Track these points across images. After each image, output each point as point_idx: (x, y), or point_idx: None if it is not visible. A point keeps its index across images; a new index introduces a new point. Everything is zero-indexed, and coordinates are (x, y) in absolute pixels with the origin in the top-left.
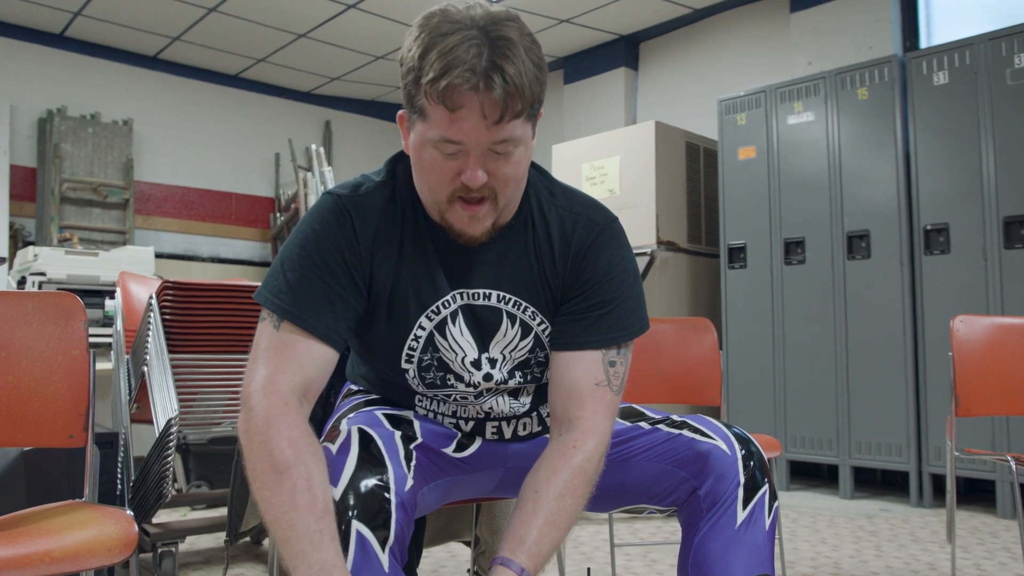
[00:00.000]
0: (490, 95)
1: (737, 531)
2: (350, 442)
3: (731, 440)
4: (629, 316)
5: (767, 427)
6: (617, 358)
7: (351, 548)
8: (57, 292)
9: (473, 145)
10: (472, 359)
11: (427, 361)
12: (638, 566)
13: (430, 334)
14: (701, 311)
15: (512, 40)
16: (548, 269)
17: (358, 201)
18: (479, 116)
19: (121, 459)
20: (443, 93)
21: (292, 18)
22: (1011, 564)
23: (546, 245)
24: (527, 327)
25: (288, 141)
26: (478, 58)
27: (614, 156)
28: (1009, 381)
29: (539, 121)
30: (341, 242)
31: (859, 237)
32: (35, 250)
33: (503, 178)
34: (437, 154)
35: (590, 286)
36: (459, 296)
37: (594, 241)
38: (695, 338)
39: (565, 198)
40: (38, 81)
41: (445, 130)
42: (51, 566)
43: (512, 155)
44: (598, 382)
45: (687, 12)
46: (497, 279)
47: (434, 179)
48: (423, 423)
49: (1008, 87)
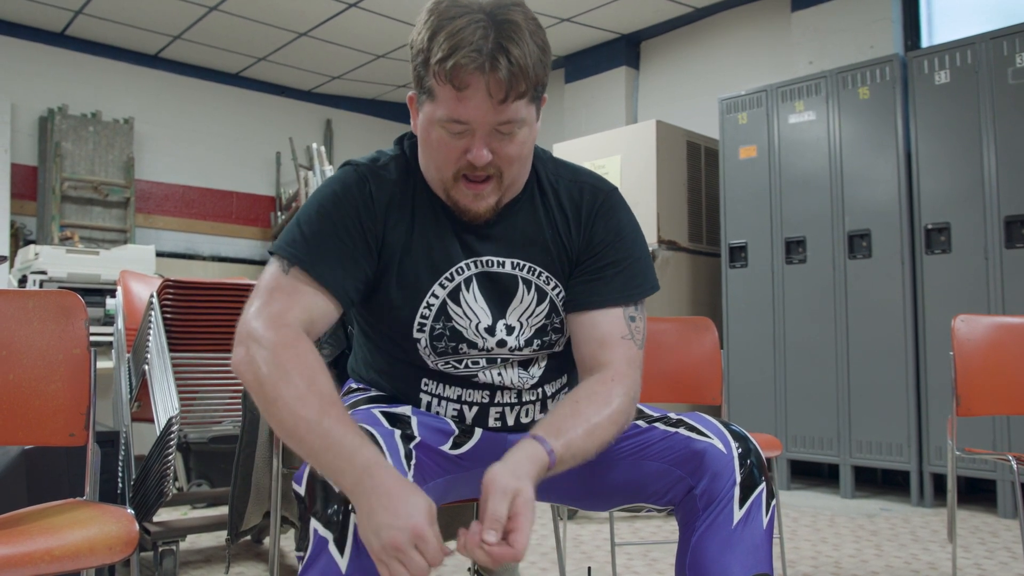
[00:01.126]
0: (495, 75)
1: (734, 530)
2: None
3: (727, 438)
4: (642, 275)
5: (768, 426)
6: (636, 314)
7: (349, 541)
8: (58, 291)
9: (479, 124)
10: (487, 325)
11: (439, 330)
12: (638, 565)
13: (443, 302)
14: (702, 310)
15: (517, 23)
16: (563, 233)
17: (376, 170)
18: (485, 95)
19: (122, 458)
20: (450, 73)
21: (293, 17)
22: (1012, 563)
23: (558, 211)
24: (542, 292)
25: (289, 140)
26: (484, 40)
27: (615, 155)
28: (1010, 381)
29: (542, 120)
30: (359, 204)
31: (860, 236)
32: (36, 249)
33: (507, 157)
34: (444, 133)
35: (604, 247)
36: (473, 264)
37: (601, 205)
38: (696, 337)
39: (568, 170)
40: (39, 80)
41: (452, 110)
42: (52, 564)
43: (516, 135)
44: (623, 335)
45: (688, 11)
46: (510, 247)
47: (441, 157)
48: (421, 421)
49: (1009, 86)
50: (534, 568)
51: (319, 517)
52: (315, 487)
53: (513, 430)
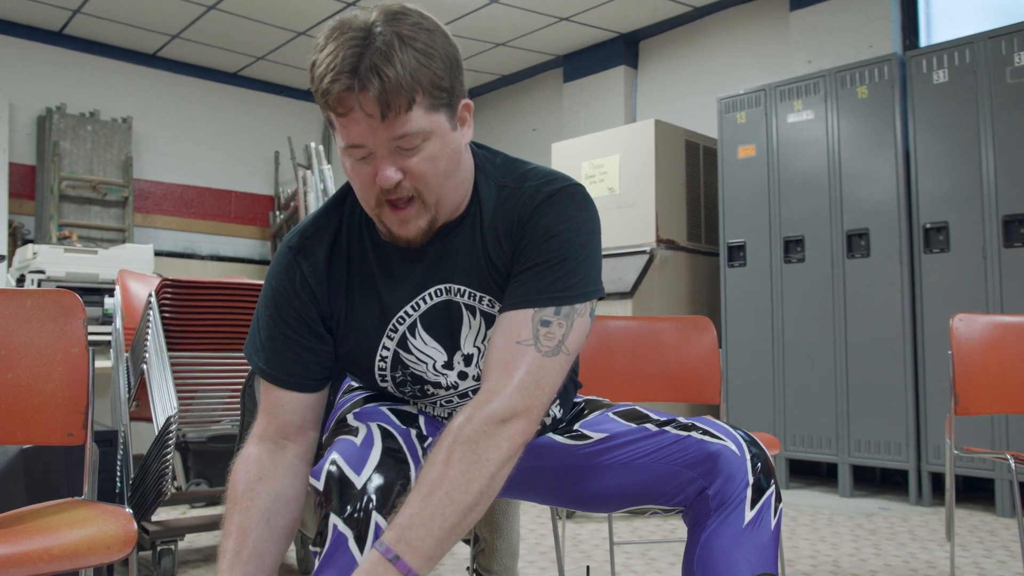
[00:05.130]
0: (365, 95)
1: (744, 530)
2: (372, 436)
3: (740, 441)
4: (572, 276)
5: (766, 425)
6: (554, 319)
7: (369, 539)
8: (56, 290)
9: (374, 145)
10: (443, 362)
11: (400, 378)
12: (637, 564)
13: (395, 353)
14: (701, 309)
15: (396, 34)
16: (493, 250)
17: (305, 247)
18: (364, 116)
19: (120, 457)
20: (327, 100)
21: (291, 16)
22: (1010, 562)
23: (490, 228)
24: (488, 316)
25: (287, 139)
26: (356, 59)
27: (614, 154)
28: (1008, 380)
29: (540, 119)
30: (293, 298)
31: (859, 235)
32: (34, 248)
33: (418, 174)
34: (352, 161)
35: (530, 249)
36: (413, 307)
37: (539, 206)
38: (694, 336)
39: (515, 178)
40: (37, 79)
41: (345, 136)
42: (50, 564)
43: (422, 149)
44: (520, 340)
45: (687, 10)
46: (449, 273)
47: (358, 186)
48: (427, 420)
49: (1008, 85)
50: (533, 567)
51: (339, 514)
52: (332, 483)
53: None
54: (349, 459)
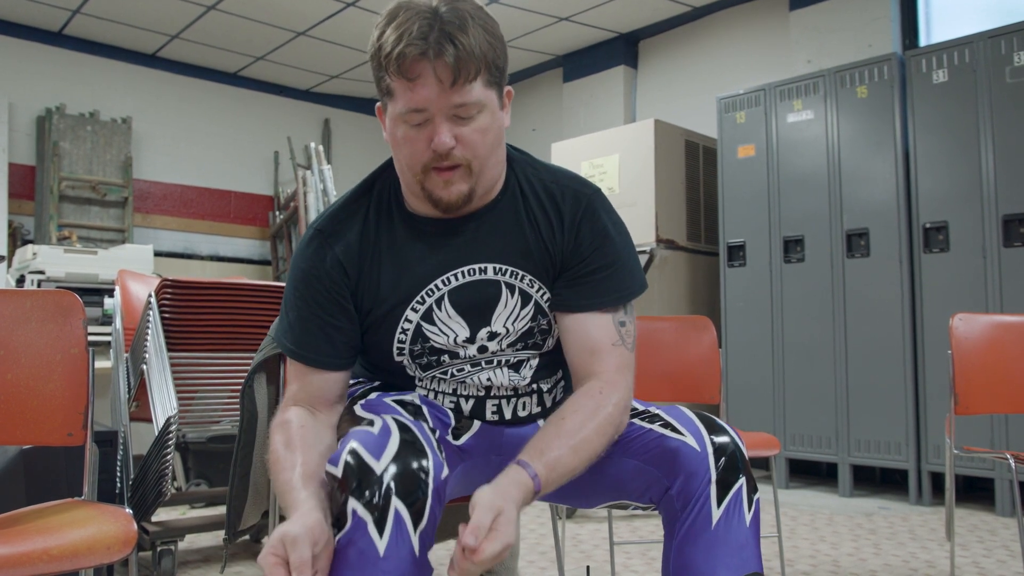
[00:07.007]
0: (441, 60)
1: (715, 532)
2: (389, 427)
3: (702, 435)
4: (630, 277)
5: (766, 425)
6: (626, 318)
7: (388, 524)
8: (56, 290)
9: (435, 109)
10: (465, 337)
11: (418, 350)
12: (637, 564)
13: (417, 326)
14: (700, 309)
15: (462, 12)
16: (547, 237)
17: (337, 230)
18: (435, 80)
19: (120, 457)
20: (399, 64)
21: (291, 16)
22: (1010, 562)
23: (541, 213)
24: (526, 295)
25: (287, 139)
26: (429, 29)
27: (613, 154)
28: (1008, 379)
29: (540, 119)
30: (324, 277)
31: (858, 235)
32: (34, 248)
33: (471, 143)
34: (407, 127)
35: (592, 251)
36: (443, 282)
37: (585, 209)
38: (694, 336)
39: (548, 172)
40: (37, 79)
41: (408, 100)
42: (50, 564)
43: (476, 119)
44: (614, 342)
45: (686, 10)
46: (489, 252)
47: (408, 152)
48: (429, 411)
49: (1007, 85)
50: (533, 567)
51: (358, 498)
52: (351, 470)
53: (511, 423)
54: (368, 446)
